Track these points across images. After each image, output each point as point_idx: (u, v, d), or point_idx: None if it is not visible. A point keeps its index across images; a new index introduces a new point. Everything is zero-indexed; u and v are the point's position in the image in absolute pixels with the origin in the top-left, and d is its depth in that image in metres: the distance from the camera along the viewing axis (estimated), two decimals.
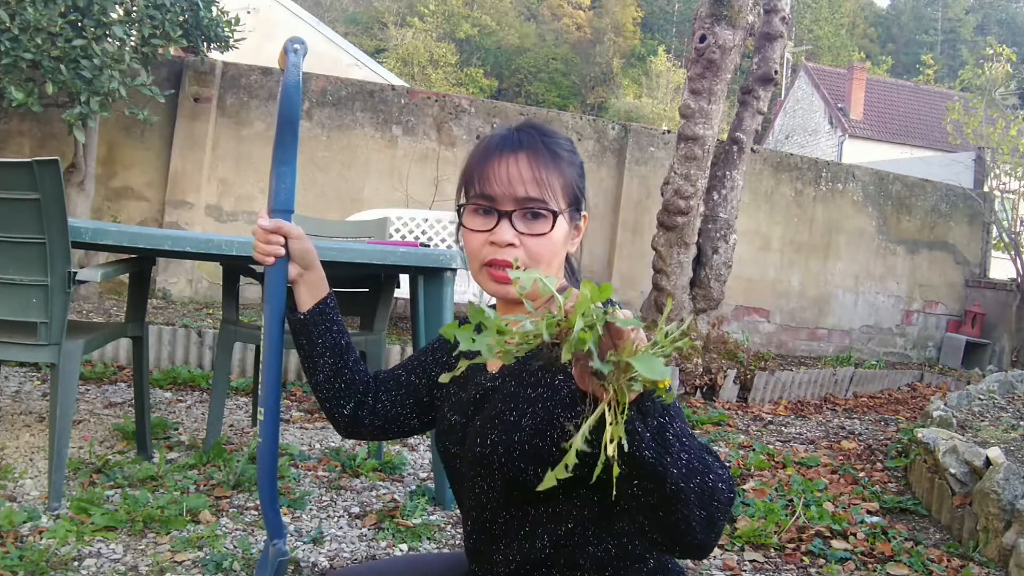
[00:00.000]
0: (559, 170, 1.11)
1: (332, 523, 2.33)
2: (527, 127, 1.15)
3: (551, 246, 1.09)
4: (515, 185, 1.08)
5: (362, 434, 1.29)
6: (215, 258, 2.47)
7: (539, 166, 1.10)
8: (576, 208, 1.15)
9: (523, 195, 1.08)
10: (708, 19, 4.87)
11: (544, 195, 1.09)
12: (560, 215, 1.10)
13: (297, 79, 1.23)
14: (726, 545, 2.43)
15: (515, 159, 1.10)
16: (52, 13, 4.09)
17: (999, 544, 2.39)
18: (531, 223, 1.09)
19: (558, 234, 1.10)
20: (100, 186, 5.45)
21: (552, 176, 1.10)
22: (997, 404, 4.10)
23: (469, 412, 1.13)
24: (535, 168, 1.10)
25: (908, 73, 35.28)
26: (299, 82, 1.24)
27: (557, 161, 1.12)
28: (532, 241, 1.08)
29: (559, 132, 1.17)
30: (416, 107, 6.18)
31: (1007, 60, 9.25)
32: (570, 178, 1.13)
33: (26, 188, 2.08)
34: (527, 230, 1.08)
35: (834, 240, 7.34)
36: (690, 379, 4.84)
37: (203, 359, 4.10)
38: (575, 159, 1.16)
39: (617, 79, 35.36)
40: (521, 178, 1.08)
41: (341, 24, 31.38)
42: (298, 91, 1.25)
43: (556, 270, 1.13)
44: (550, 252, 1.10)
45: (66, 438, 2.20)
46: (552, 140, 1.14)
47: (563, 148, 1.14)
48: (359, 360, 1.29)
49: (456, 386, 1.19)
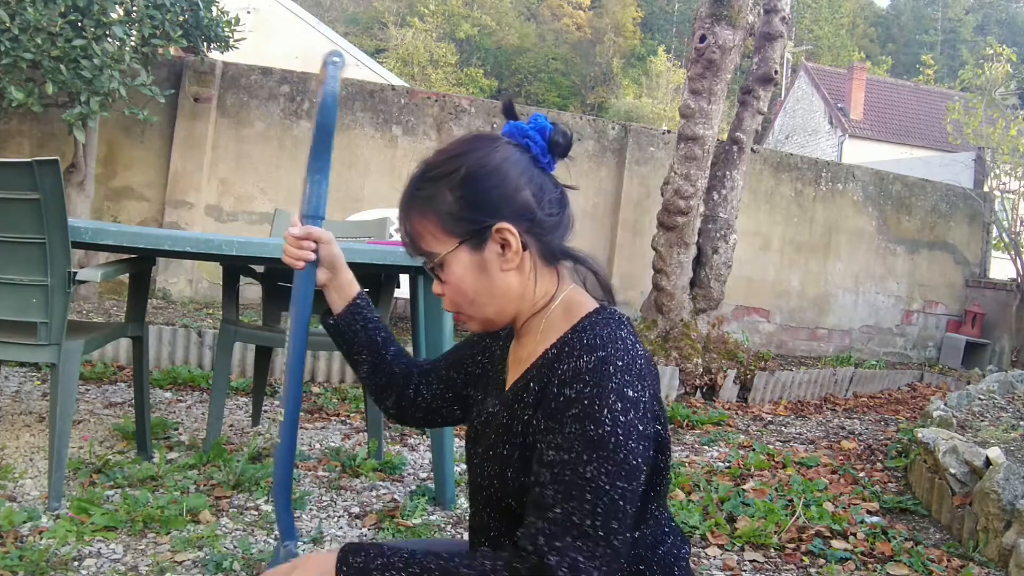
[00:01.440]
0: (429, 209, 1.03)
1: (332, 523, 2.33)
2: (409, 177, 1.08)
3: (465, 286, 1.03)
4: (408, 247, 1.08)
5: (407, 422, 1.31)
6: (215, 258, 2.47)
7: (406, 220, 1.07)
8: (476, 229, 1.02)
9: (412, 254, 1.08)
10: (708, 19, 4.87)
11: (428, 246, 1.04)
12: (448, 255, 1.03)
13: (336, 90, 1.23)
14: (726, 545, 2.43)
15: (400, 220, 1.08)
16: (52, 13, 4.09)
17: (999, 544, 2.39)
18: (440, 272, 1.05)
19: (460, 272, 1.03)
20: (100, 186, 5.45)
21: (421, 223, 1.04)
22: (997, 404, 4.10)
23: (476, 431, 1.12)
24: (404, 224, 1.07)
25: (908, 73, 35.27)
26: (337, 93, 1.24)
27: (422, 202, 1.04)
28: (448, 289, 1.05)
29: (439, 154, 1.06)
30: (416, 107, 6.18)
31: (1007, 60, 9.25)
32: (443, 209, 1.02)
33: (26, 188, 2.08)
34: (442, 278, 1.06)
35: (834, 240, 7.34)
36: (690, 379, 4.84)
37: (203, 359, 4.10)
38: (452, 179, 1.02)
39: (617, 79, 35.34)
40: (408, 240, 1.07)
41: (341, 24, 31.37)
42: (336, 102, 1.24)
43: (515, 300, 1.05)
44: (471, 292, 1.04)
45: (66, 438, 2.20)
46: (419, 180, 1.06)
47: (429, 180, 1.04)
48: (401, 352, 1.29)
49: (481, 392, 1.18)
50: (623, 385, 0.92)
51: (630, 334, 1.00)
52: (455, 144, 1.06)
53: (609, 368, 0.92)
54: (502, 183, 1.02)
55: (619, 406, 0.90)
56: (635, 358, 0.95)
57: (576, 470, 0.89)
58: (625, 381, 0.92)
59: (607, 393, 0.91)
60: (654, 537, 1.03)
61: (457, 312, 1.07)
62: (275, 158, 5.90)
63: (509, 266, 1.03)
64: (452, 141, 1.07)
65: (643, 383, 0.94)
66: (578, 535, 0.87)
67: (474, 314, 1.06)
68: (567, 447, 0.90)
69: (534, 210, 1.03)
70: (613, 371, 0.92)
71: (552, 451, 0.91)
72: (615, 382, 0.92)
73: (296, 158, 5.90)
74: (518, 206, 1.02)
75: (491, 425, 1.06)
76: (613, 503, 0.89)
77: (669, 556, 1.04)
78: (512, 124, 1.09)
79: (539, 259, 1.05)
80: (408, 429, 3.43)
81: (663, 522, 1.06)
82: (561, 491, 0.89)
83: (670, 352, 4.89)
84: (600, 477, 0.88)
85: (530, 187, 1.03)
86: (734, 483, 3.03)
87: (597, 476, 0.88)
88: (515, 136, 1.07)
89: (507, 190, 1.02)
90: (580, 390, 0.92)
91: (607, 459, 0.89)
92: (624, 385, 0.92)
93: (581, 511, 0.88)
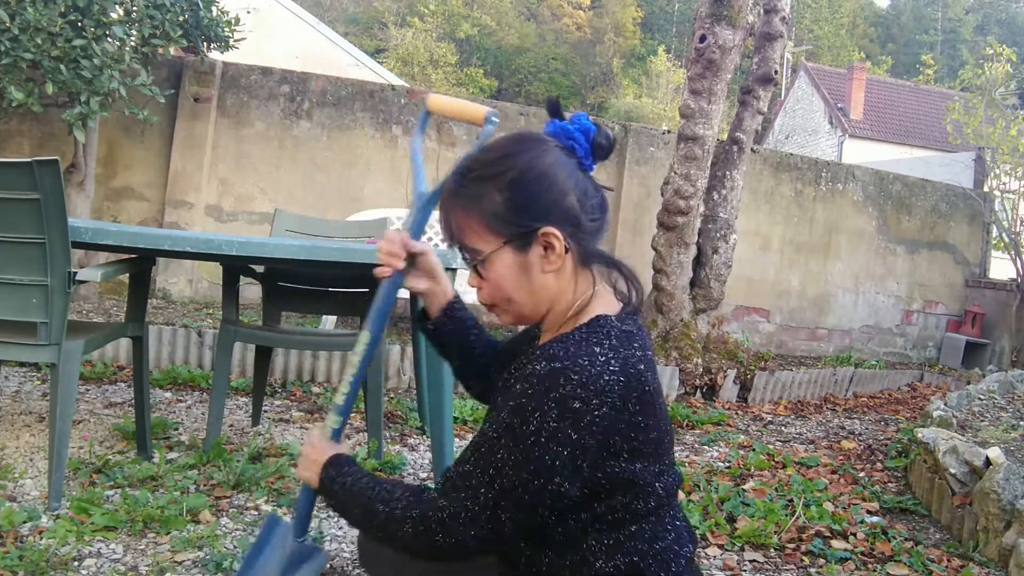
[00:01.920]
0: (475, 208, 1.05)
1: (332, 523, 2.33)
2: (453, 170, 1.10)
3: (505, 284, 1.06)
4: (447, 238, 1.11)
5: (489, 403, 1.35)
6: (215, 258, 2.47)
7: (450, 214, 1.08)
8: (522, 232, 1.04)
9: (451, 246, 1.11)
10: (708, 19, 4.87)
11: (470, 241, 1.07)
12: (491, 254, 1.05)
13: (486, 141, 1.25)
14: (726, 545, 2.43)
15: (441, 215, 1.11)
16: (52, 13, 4.09)
17: (999, 544, 2.39)
18: (479, 268, 1.08)
19: (502, 271, 1.06)
20: (100, 186, 5.45)
21: (465, 219, 1.06)
22: (997, 404, 4.10)
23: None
24: (448, 218, 1.09)
25: (908, 73, 35.26)
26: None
27: (468, 200, 1.06)
28: (487, 284, 1.09)
29: (486, 152, 1.08)
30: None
31: (1007, 60, 9.24)
32: (490, 209, 1.04)
33: (26, 188, 2.08)
34: (480, 274, 1.09)
35: (834, 240, 7.34)
36: (690, 379, 4.84)
37: (203, 359, 4.10)
38: (500, 180, 1.04)
39: (617, 79, 35.34)
40: (449, 233, 1.10)
41: (341, 24, 31.36)
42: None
43: (550, 300, 1.08)
44: (510, 291, 1.07)
45: (66, 438, 2.20)
46: (465, 176, 1.07)
47: (477, 179, 1.06)
48: (490, 343, 1.35)
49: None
50: (570, 398, 0.96)
51: (611, 349, 1.01)
52: (503, 144, 1.07)
53: (560, 379, 0.96)
54: (550, 187, 1.04)
55: (554, 413, 0.96)
56: (600, 375, 0.98)
57: (491, 447, 1.00)
58: (575, 394, 0.96)
59: (547, 400, 0.96)
60: (653, 533, 1.06)
61: (491, 306, 1.11)
62: (275, 158, 5.89)
63: (551, 268, 1.06)
64: (499, 140, 1.09)
65: (603, 398, 0.97)
66: (470, 495, 1.00)
67: (509, 310, 1.10)
68: (495, 427, 1.00)
69: (579, 215, 1.06)
70: (563, 382, 0.96)
71: (487, 424, 1.04)
72: (561, 393, 0.96)
73: (296, 158, 5.91)
74: (564, 211, 1.05)
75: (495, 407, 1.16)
76: (511, 487, 0.98)
77: (668, 552, 1.06)
78: (557, 124, 1.10)
79: (577, 261, 1.07)
80: (408, 429, 3.43)
81: (666, 521, 1.08)
82: (473, 456, 1.02)
83: (670, 352, 4.89)
84: (507, 462, 0.98)
85: (575, 192, 1.06)
86: (734, 483, 3.03)
87: (505, 460, 0.98)
88: (560, 137, 1.08)
89: (555, 194, 1.04)
90: (524, 389, 0.98)
91: (518, 451, 0.97)
92: (571, 398, 0.96)
93: (479, 478, 1.00)
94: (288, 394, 3.87)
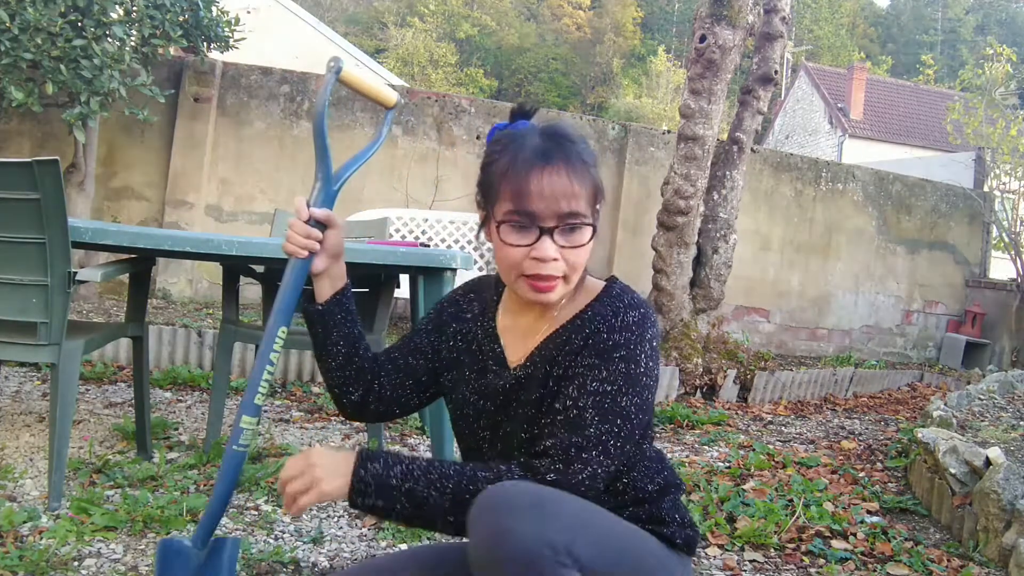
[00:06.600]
0: (589, 177, 1.14)
1: (332, 523, 2.33)
2: (555, 135, 1.15)
3: (587, 254, 1.15)
4: (557, 201, 1.10)
5: (366, 418, 1.34)
6: (215, 258, 2.47)
7: (573, 179, 1.12)
8: (598, 210, 1.18)
9: (564, 211, 1.11)
10: (708, 19, 4.86)
11: (581, 208, 1.12)
12: (595, 224, 1.15)
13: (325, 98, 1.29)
14: (726, 545, 2.43)
15: (553, 174, 1.11)
16: (52, 13, 4.09)
17: (999, 544, 2.39)
18: (570, 236, 1.13)
19: (586, 244, 1.15)
20: (100, 186, 5.45)
21: (584, 186, 1.13)
22: (997, 404, 4.10)
23: (499, 400, 1.20)
24: (571, 182, 1.11)
25: (908, 73, 35.26)
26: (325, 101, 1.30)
27: (586, 168, 1.14)
28: (571, 253, 1.13)
29: (575, 132, 1.19)
30: (416, 107, 6.18)
31: (1007, 60, 9.24)
32: (596, 182, 1.16)
33: (26, 188, 2.08)
34: (567, 243, 1.13)
35: (834, 240, 7.34)
36: (690, 379, 4.84)
37: (203, 359, 4.10)
38: (593, 157, 1.18)
39: (617, 79, 35.33)
40: (561, 194, 1.11)
41: (341, 24, 31.36)
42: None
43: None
44: (582, 263, 1.15)
45: (66, 438, 2.20)
46: (578, 147, 1.16)
47: (587, 152, 1.17)
48: (369, 347, 1.32)
49: (473, 371, 1.25)
50: (653, 337, 1.16)
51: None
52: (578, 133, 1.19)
53: (647, 323, 1.16)
54: None
55: (648, 350, 1.14)
56: (656, 317, 1.20)
57: (616, 400, 1.10)
58: (654, 334, 1.16)
59: (645, 342, 1.14)
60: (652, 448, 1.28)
61: (550, 278, 1.13)
62: (275, 158, 5.90)
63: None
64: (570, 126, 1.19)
65: (658, 337, 1.18)
66: (602, 452, 1.08)
67: (568, 283, 1.16)
68: (611, 380, 1.11)
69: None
70: (649, 325, 1.16)
71: (596, 383, 1.11)
72: (649, 334, 1.15)
73: (296, 158, 5.91)
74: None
75: (511, 390, 1.19)
76: (633, 430, 1.12)
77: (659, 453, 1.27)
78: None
79: None
80: (408, 429, 3.43)
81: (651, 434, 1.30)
82: (599, 415, 1.09)
83: (670, 352, 4.89)
84: (631, 407, 1.11)
85: None
86: (734, 483, 3.03)
87: (629, 406, 1.11)
88: None
89: None
90: (628, 338, 1.13)
91: (638, 394, 1.12)
92: (654, 337, 1.16)
93: (610, 433, 1.09)
94: (288, 394, 3.88)
